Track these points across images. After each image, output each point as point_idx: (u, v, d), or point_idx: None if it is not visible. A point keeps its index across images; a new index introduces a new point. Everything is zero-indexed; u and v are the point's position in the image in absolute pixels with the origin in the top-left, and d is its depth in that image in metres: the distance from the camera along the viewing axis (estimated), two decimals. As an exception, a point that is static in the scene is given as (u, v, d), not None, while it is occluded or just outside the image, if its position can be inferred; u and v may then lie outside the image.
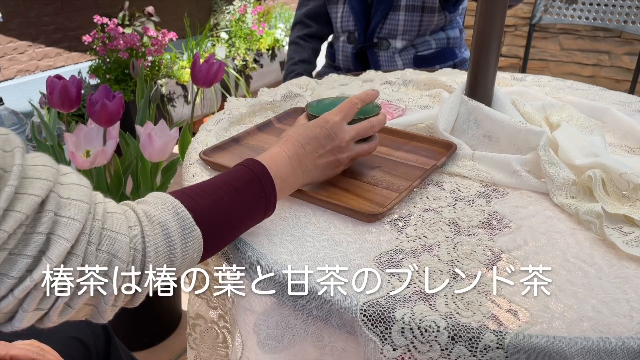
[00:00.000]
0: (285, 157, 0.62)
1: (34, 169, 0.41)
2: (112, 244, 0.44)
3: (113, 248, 0.44)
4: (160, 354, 1.37)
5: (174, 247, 0.48)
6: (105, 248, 0.43)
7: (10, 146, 0.39)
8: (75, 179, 0.44)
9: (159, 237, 0.47)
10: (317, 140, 0.64)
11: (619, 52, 2.50)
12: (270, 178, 0.58)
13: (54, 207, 0.41)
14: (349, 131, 0.66)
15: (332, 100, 0.78)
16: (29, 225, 0.39)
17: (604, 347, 0.43)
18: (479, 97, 0.80)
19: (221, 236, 0.54)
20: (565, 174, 0.65)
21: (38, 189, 0.40)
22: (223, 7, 3.13)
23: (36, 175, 0.40)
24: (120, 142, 1.21)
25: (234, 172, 0.57)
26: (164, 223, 0.48)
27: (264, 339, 0.59)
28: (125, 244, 0.44)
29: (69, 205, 0.42)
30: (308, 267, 0.54)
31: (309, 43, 1.62)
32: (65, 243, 0.40)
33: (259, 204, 0.57)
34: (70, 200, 0.42)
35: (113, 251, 0.44)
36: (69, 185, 0.43)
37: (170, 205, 0.49)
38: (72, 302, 0.43)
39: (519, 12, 2.67)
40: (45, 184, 0.40)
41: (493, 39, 0.76)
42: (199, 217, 0.50)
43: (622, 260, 0.55)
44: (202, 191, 0.53)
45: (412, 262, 0.54)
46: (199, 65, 1.08)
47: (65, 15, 2.46)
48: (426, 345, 0.46)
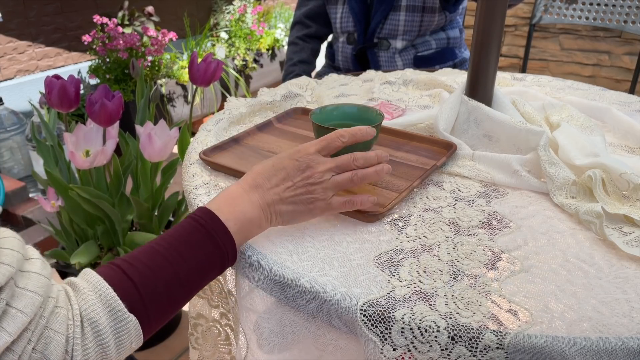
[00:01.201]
0: (241, 193, 0.56)
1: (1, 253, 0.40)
2: (47, 345, 0.42)
3: (47, 349, 0.42)
4: (160, 354, 1.37)
5: (106, 345, 0.45)
6: (40, 348, 0.41)
7: None
8: (38, 267, 0.43)
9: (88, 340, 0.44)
10: (285, 172, 0.57)
11: (619, 52, 2.50)
12: (223, 227, 0.52)
13: (7, 296, 0.39)
14: (324, 162, 0.58)
15: (335, 107, 0.78)
16: None
17: (604, 347, 0.43)
18: (479, 97, 0.80)
19: (165, 311, 0.50)
20: (565, 174, 0.65)
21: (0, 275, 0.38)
22: (223, 7, 3.13)
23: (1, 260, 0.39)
24: (120, 142, 1.21)
25: (182, 230, 0.52)
26: (94, 320, 0.44)
27: (268, 336, 0.59)
28: (61, 345, 0.42)
29: (22, 296, 0.40)
30: (308, 267, 0.54)
31: (308, 43, 1.62)
32: (6, 337, 0.38)
33: (212, 260, 0.52)
34: (25, 290, 0.41)
35: (47, 352, 0.42)
36: (28, 274, 0.42)
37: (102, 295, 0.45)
38: None
39: (519, 12, 2.67)
40: (7, 271, 0.39)
41: (493, 39, 0.76)
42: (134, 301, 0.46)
43: (622, 260, 0.55)
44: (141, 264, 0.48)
45: (412, 262, 0.54)
46: (196, 64, 1.08)
47: (65, 15, 2.46)
48: (426, 346, 0.46)
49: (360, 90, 1.10)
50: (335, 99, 1.04)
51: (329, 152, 0.59)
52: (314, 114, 0.75)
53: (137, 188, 1.25)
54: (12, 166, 1.91)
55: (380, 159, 0.61)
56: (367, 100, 1.03)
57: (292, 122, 0.92)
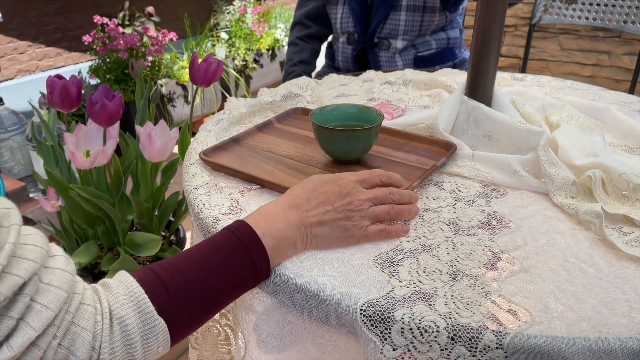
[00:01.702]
0: (280, 211, 0.55)
1: (24, 248, 0.40)
2: (74, 341, 0.42)
3: (73, 345, 0.42)
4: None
5: (133, 345, 0.45)
6: (66, 344, 0.42)
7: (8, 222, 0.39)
8: (61, 263, 0.43)
9: (116, 339, 0.44)
10: (325, 196, 0.57)
11: (619, 52, 2.50)
12: (258, 241, 0.52)
13: (32, 291, 0.39)
14: (364, 192, 0.59)
15: (335, 107, 0.78)
16: (4, 307, 0.38)
17: (603, 347, 0.43)
18: (479, 97, 0.80)
19: (194, 318, 0.50)
20: (565, 174, 0.65)
21: (23, 270, 0.39)
22: (223, 7, 3.13)
23: (24, 255, 0.39)
24: (120, 142, 1.21)
25: (217, 240, 0.52)
26: (124, 319, 0.45)
27: (266, 337, 0.59)
28: (87, 342, 0.43)
29: (47, 291, 0.41)
30: (307, 267, 0.54)
31: (308, 44, 1.62)
32: (31, 332, 0.39)
33: (244, 273, 0.52)
34: (50, 286, 0.41)
35: (73, 348, 0.42)
36: (52, 270, 0.42)
37: (133, 296, 0.46)
38: None
39: (519, 12, 2.67)
40: (31, 266, 0.39)
41: (493, 39, 0.76)
42: (165, 305, 0.47)
43: (622, 260, 0.55)
44: (175, 269, 0.49)
45: (411, 263, 0.54)
46: (197, 65, 1.08)
47: (65, 15, 2.47)
48: (426, 346, 0.46)
49: (360, 91, 1.10)
50: (335, 99, 1.04)
51: (367, 185, 0.61)
52: (314, 114, 0.75)
53: (137, 188, 1.25)
54: (12, 166, 1.91)
55: (413, 199, 0.63)
56: (367, 100, 1.03)
57: (292, 122, 0.92)
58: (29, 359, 0.40)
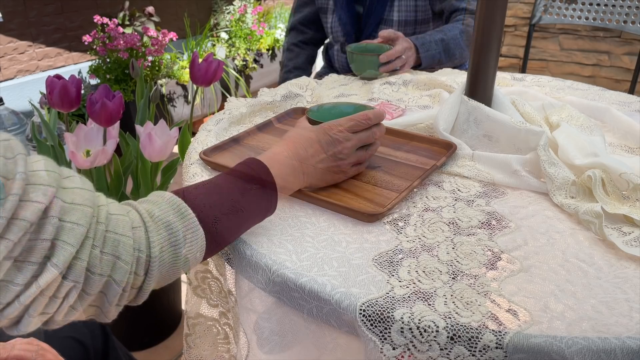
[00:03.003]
0: (287, 157, 0.62)
1: (37, 175, 0.41)
2: (116, 247, 0.44)
3: (117, 250, 0.44)
4: (160, 354, 1.37)
5: (178, 246, 0.48)
6: (109, 250, 0.44)
7: (12, 153, 0.39)
8: (78, 182, 0.44)
9: (163, 237, 0.48)
10: (319, 145, 0.65)
11: (619, 52, 2.50)
12: (271, 178, 0.58)
13: (57, 212, 0.41)
14: (352, 139, 0.66)
15: (333, 105, 0.78)
16: (34, 232, 0.39)
17: (603, 347, 0.43)
18: (479, 97, 0.80)
19: (223, 236, 0.54)
20: (565, 174, 0.65)
21: (42, 195, 0.40)
22: (223, 7, 3.13)
23: (39, 182, 0.40)
24: (120, 142, 1.21)
25: (236, 172, 0.57)
26: (169, 223, 0.48)
27: (268, 335, 0.59)
28: (129, 245, 0.45)
29: (72, 210, 0.42)
30: (307, 267, 0.54)
31: (303, 50, 1.61)
32: (70, 248, 0.40)
33: (260, 203, 0.57)
34: (74, 205, 0.42)
35: (117, 253, 0.44)
36: (72, 190, 0.43)
37: (174, 204, 0.50)
38: (76, 304, 0.43)
39: (519, 12, 2.67)
40: (48, 190, 0.40)
41: (493, 39, 0.76)
42: (201, 216, 0.50)
43: (622, 260, 0.55)
44: (205, 190, 0.53)
45: (411, 262, 0.54)
46: (197, 64, 1.08)
47: (65, 15, 2.47)
48: (425, 345, 0.46)
49: (360, 91, 1.10)
50: (335, 99, 1.04)
51: (356, 129, 0.67)
52: (312, 111, 0.75)
53: (138, 188, 1.25)
54: (12, 166, 1.91)
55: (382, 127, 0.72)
56: (367, 100, 1.03)
57: (292, 122, 0.92)
58: (75, 272, 0.41)
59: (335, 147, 0.65)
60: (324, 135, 0.65)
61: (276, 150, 0.63)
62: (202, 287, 0.74)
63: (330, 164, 0.66)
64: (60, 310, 0.42)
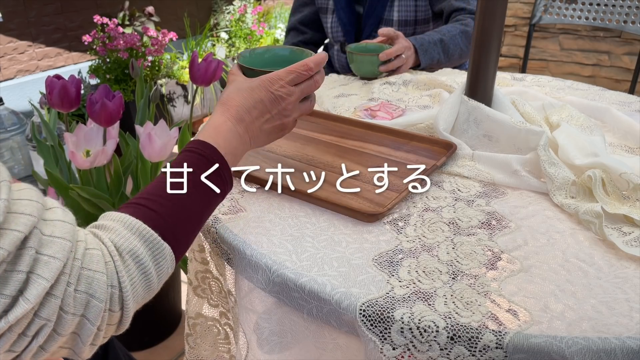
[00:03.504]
0: (232, 127, 0.58)
1: (19, 204, 0.40)
2: (90, 284, 0.43)
3: (91, 288, 0.43)
4: (160, 354, 1.37)
5: (148, 273, 0.47)
6: (83, 288, 0.42)
7: None
8: (60, 214, 0.43)
9: (132, 269, 0.46)
10: (262, 104, 0.60)
11: (619, 52, 2.50)
12: (223, 160, 0.55)
13: (36, 244, 0.39)
14: (293, 93, 0.62)
15: (265, 49, 0.72)
16: (10, 263, 0.38)
17: (603, 347, 0.43)
18: (479, 97, 0.80)
19: (189, 237, 0.53)
20: (565, 174, 0.65)
21: (22, 225, 0.39)
22: (223, 7, 3.13)
23: (20, 210, 0.39)
24: (120, 142, 1.21)
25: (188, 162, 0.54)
26: (134, 251, 0.46)
27: (268, 336, 0.59)
28: (103, 282, 0.43)
29: (50, 243, 0.41)
30: (307, 267, 0.54)
31: None
32: (44, 283, 0.39)
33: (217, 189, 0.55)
34: (53, 237, 0.41)
35: (91, 291, 0.42)
36: (52, 222, 0.42)
37: (134, 228, 0.47)
38: (46, 344, 0.41)
39: (519, 12, 2.67)
40: (29, 220, 0.39)
41: (493, 39, 0.76)
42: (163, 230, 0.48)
43: (622, 260, 0.55)
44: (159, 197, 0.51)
45: (411, 262, 0.54)
46: (197, 64, 1.08)
47: (65, 15, 2.47)
48: (425, 345, 0.46)
49: (360, 91, 1.10)
50: (335, 99, 1.04)
51: (298, 81, 0.62)
52: (243, 57, 0.69)
53: (137, 188, 1.25)
54: (12, 166, 1.91)
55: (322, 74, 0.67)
56: (367, 100, 1.03)
57: (292, 122, 0.91)
58: (48, 310, 0.40)
59: (279, 105, 0.61)
60: (266, 93, 0.60)
61: (218, 120, 0.58)
62: (202, 287, 0.74)
63: (275, 122, 0.62)
64: (29, 349, 0.40)
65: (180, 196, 0.51)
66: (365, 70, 1.16)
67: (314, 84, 0.64)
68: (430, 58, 1.22)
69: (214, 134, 0.57)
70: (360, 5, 1.43)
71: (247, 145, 0.60)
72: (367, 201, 0.66)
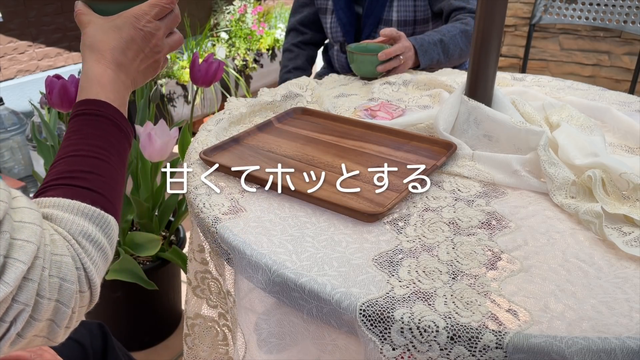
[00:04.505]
0: (113, 75, 0.57)
1: None
2: (60, 268, 0.43)
3: (61, 272, 0.43)
4: (160, 354, 1.37)
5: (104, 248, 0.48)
6: (55, 273, 0.43)
7: None
8: (25, 202, 0.43)
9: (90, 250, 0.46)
10: (135, 43, 0.58)
11: (619, 52, 2.50)
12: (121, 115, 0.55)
13: (9, 229, 0.40)
14: (160, 27, 0.60)
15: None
16: None
17: (603, 347, 0.43)
18: (479, 97, 0.80)
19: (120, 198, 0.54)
20: (565, 174, 0.65)
21: None
22: (223, 7, 3.13)
23: None
24: (120, 142, 1.21)
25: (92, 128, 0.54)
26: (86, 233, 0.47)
27: (267, 337, 0.59)
28: (71, 265, 0.44)
29: (22, 228, 0.41)
30: (307, 267, 0.54)
31: (303, 50, 1.61)
32: (21, 266, 0.39)
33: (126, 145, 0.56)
34: (24, 223, 0.41)
35: (62, 275, 0.43)
36: (20, 209, 0.42)
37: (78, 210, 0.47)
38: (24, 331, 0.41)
39: (519, 12, 2.67)
40: (2, 205, 0.39)
41: (493, 39, 0.76)
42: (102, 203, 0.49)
43: (622, 260, 0.55)
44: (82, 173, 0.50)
45: (411, 262, 0.54)
46: (197, 65, 1.08)
47: (65, 15, 2.46)
48: (425, 345, 0.46)
49: (360, 91, 1.10)
50: (336, 99, 1.04)
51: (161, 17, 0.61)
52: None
53: (138, 188, 1.25)
54: (12, 166, 1.91)
55: None
56: (367, 100, 1.03)
57: (292, 122, 0.92)
58: (26, 294, 0.40)
59: (150, 42, 0.59)
60: (135, 31, 0.58)
61: (96, 70, 0.56)
62: (201, 287, 0.74)
63: (149, 61, 0.60)
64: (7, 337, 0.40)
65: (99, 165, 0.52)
66: (365, 70, 1.16)
67: (175, 17, 0.62)
68: (430, 59, 1.22)
69: (99, 88, 0.55)
70: (359, 6, 1.43)
71: (129, 89, 0.60)
72: (367, 201, 0.66)
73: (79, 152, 0.52)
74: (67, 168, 0.50)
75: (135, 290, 1.21)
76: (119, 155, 0.54)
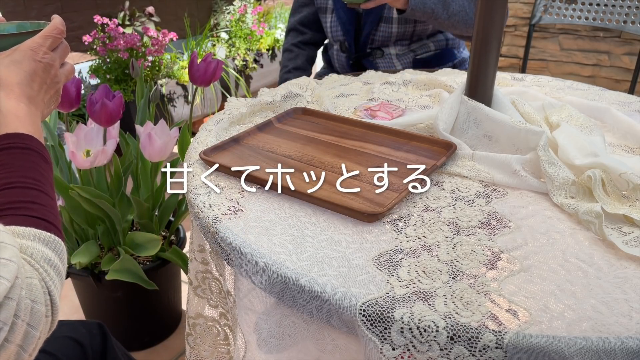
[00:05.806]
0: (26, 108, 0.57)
1: None
2: (31, 290, 0.43)
3: (32, 294, 0.43)
4: (160, 354, 1.37)
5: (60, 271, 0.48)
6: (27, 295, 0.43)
7: None
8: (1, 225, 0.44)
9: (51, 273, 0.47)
10: (37, 76, 0.59)
11: (619, 52, 2.50)
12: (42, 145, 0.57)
13: None
14: (55, 57, 0.61)
15: None
16: None
17: (603, 347, 0.43)
18: (479, 97, 0.80)
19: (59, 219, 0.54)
20: (564, 174, 0.65)
21: None
22: (223, 7, 3.13)
23: None
24: (120, 142, 1.21)
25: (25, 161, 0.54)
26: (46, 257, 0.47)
27: (267, 337, 0.59)
28: (39, 288, 0.44)
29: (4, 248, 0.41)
30: (307, 267, 0.54)
31: (303, 50, 1.61)
32: (6, 283, 0.39)
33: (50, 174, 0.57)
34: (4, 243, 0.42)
35: (32, 297, 0.43)
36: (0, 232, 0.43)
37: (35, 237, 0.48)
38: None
39: (519, 12, 2.67)
40: None
41: (493, 39, 0.76)
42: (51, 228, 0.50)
43: (622, 260, 0.55)
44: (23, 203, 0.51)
45: (411, 262, 0.54)
46: (196, 64, 1.08)
47: (65, 15, 2.46)
48: (425, 345, 0.46)
49: (360, 91, 1.10)
50: (336, 99, 1.04)
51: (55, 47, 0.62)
52: None
53: (138, 188, 1.25)
54: (12, 166, 1.90)
55: None
56: (367, 100, 1.03)
57: (292, 122, 0.92)
58: (6, 313, 0.40)
59: (50, 72, 0.60)
60: (35, 63, 0.59)
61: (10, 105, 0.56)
62: (202, 287, 0.74)
63: (51, 91, 0.62)
64: None
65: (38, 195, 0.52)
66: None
67: (66, 48, 0.64)
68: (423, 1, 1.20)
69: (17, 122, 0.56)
70: None
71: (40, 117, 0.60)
72: (367, 201, 0.66)
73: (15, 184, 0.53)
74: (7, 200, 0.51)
75: (135, 290, 1.21)
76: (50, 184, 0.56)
